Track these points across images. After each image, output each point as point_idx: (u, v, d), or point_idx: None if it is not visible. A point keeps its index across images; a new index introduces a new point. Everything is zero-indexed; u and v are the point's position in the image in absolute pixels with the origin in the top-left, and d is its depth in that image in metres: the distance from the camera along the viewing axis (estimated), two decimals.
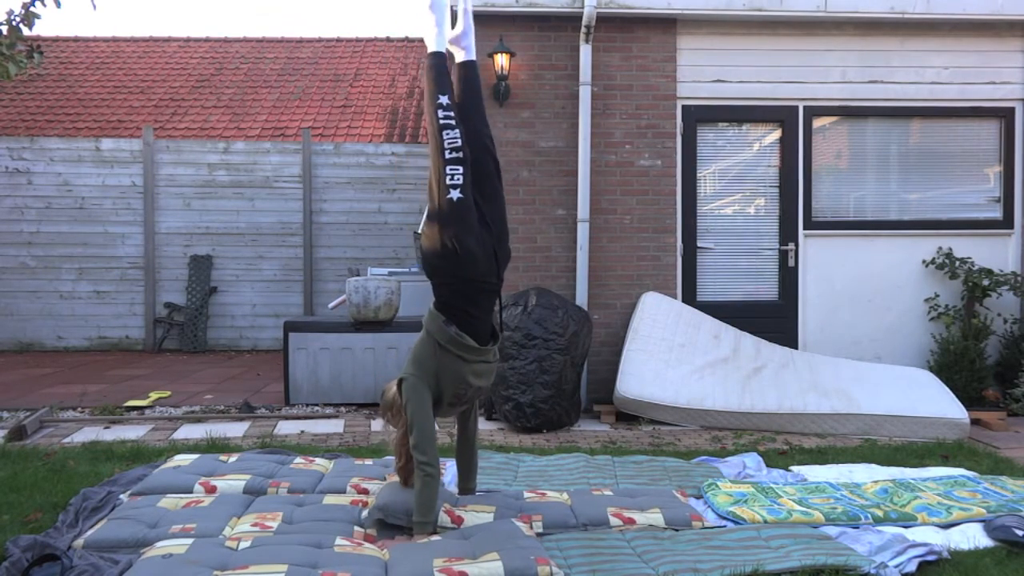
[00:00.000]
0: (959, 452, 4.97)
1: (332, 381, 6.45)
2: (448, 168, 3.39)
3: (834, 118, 6.75)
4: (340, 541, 3.16)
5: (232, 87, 12.76)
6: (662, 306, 6.28)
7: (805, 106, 6.64)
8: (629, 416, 5.82)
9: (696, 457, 4.78)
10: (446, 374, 3.39)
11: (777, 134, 6.68)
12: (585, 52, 6.32)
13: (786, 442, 5.30)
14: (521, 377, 5.60)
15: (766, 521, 3.57)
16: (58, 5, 7.62)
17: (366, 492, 3.88)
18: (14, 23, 7.65)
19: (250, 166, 10.52)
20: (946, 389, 5.78)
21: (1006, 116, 6.75)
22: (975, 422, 5.71)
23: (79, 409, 6.20)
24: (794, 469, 4.52)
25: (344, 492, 3.90)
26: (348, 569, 2.89)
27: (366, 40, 14.45)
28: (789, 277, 6.63)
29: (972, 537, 3.43)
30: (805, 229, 6.65)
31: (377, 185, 10.60)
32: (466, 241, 3.34)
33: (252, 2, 37.90)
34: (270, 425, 5.77)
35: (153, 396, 6.76)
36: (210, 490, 3.85)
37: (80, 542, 3.21)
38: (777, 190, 6.67)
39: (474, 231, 3.38)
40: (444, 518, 3.49)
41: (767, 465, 4.60)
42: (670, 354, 5.93)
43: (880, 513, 3.67)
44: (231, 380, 7.85)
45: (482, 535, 3.22)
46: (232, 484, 3.91)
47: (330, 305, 7.85)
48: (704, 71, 6.56)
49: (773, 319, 6.58)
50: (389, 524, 3.47)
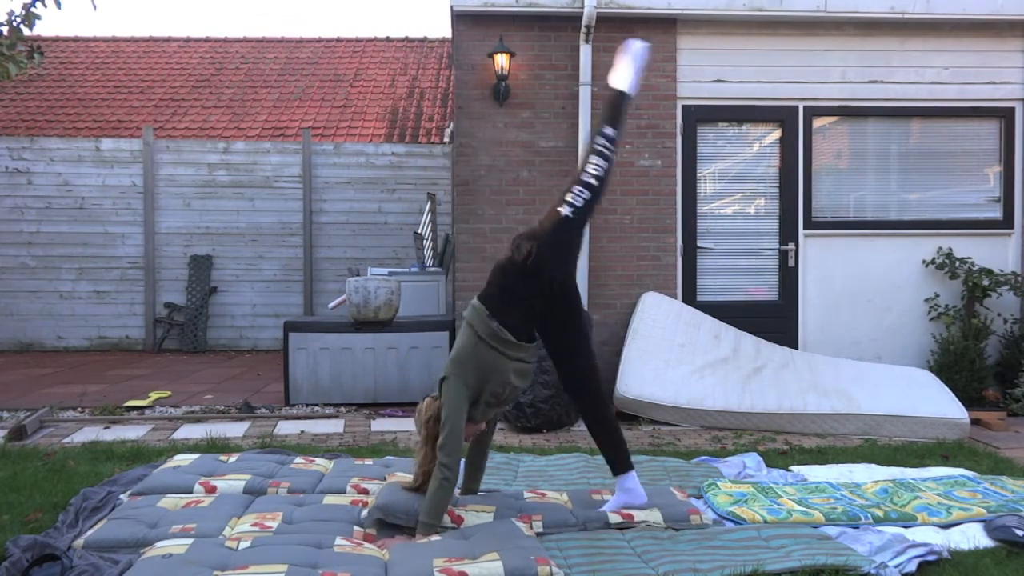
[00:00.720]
0: (959, 452, 4.97)
1: (332, 381, 6.45)
2: (576, 187, 3.48)
3: (834, 118, 6.76)
4: (340, 541, 3.16)
5: (232, 87, 12.76)
6: (662, 306, 6.28)
7: (805, 106, 6.64)
8: (629, 416, 5.81)
9: (696, 457, 4.78)
10: (485, 370, 3.38)
11: (777, 134, 6.68)
12: (585, 52, 6.32)
13: (786, 442, 5.30)
14: None
15: (766, 521, 3.57)
16: (58, 5, 7.62)
17: (366, 492, 3.88)
18: (14, 23, 7.65)
19: (250, 166, 10.51)
20: (946, 389, 5.78)
21: (1006, 116, 6.75)
22: (975, 422, 5.71)
23: (79, 409, 6.20)
24: (794, 469, 4.52)
25: (344, 492, 3.90)
26: (348, 569, 2.89)
27: (366, 40, 14.45)
28: (789, 277, 6.63)
29: (972, 537, 3.43)
30: (805, 229, 6.65)
31: (377, 185, 10.60)
32: (544, 255, 3.36)
33: (252, 2, 37.91)
34: (270, 425, 5.77)
35: (153, 396, 6.76)
36: (210, 490, 3.85)
37: (80, 542, 3.21)
38: (777, 190, 6.67)
39: (561, 254, 3.42)
40: (444, 518, 3.49)
41: (767, 465, 4.59)
42: (670, 354, 5.93)
43: (880, 513, 3.67)
44: (231, 380, 7.85)
45: (482, 535, 3.22)
46: (232, 484, 3.91)
47: (330, 305, 7.85)
48: (704, 71, 6.56)
49: (773, 319, 6.58)
50: (389, 524, 3.47)
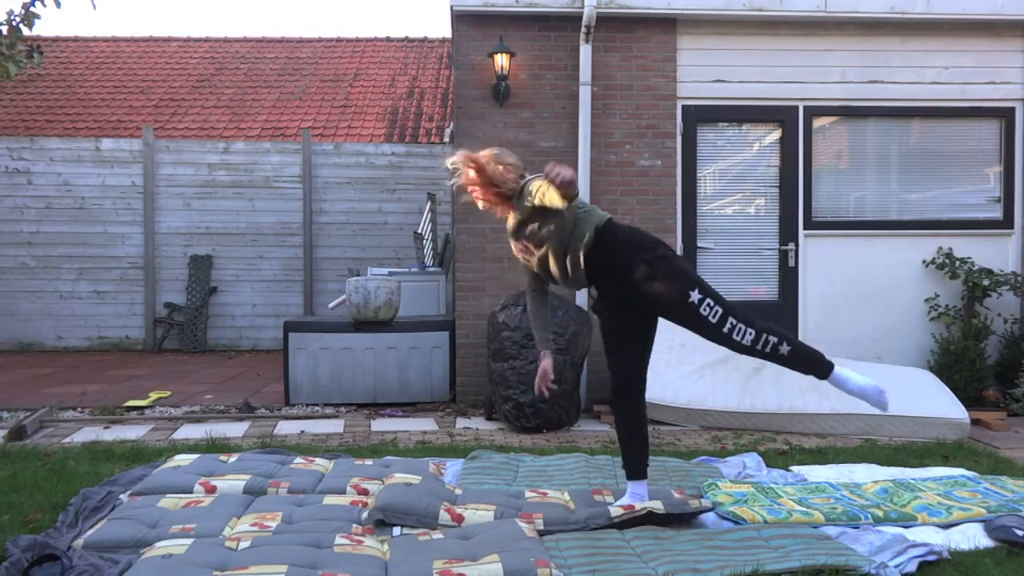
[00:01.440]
0: (959, 452, 4.97)
1: (332, 381, 6.45)
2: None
3: (834, 118, 6.75)
4: (340, 540, 3.16)
5: (232, 87, 12.76)
6: None
7: (805, 106, 6.64)
8: None
9: (696, 457, 4.78)
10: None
11: (777, 134, 6.68)
12: (585, 52, 6.32)
13: (786, 442, 5.30)
14: (521, 377, 5.60)
15: (766, 521, 3.57)
16: (58, 5, 7.63)
17: (366, 492, 3.87)
18: (14, 23, 7.65)
19: (250, 166, 10.51)
20: (946, 389, 5.78)
21: (1006, 116, 6.74)
22: (975, 422, 5.71)
23: (79, 409, 6.19)
24: (794, 469, 4.52)
25: (344, 492, 3.90)
26: (348, 569, 2.89)
27: (366, 40, 14.45)
28: (789, 277, 6.63)
29: (972, 537, 3.43)
30: (805, 229, 6.64)
31: (377, 185, 10.60)
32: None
33: (252, 2, 37.92)
34: (270, 425, 5.77)
35: (153, 396, 6.76)
36: (210, 490, 3.85)
37: (80, 542, 3.21)
38: (777, 190, 6.67)
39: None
40: (445, 516, 3.49)
41: (767, 465, 4.59)
42: (670, 354, 5.92)
43: (880, 513, 3.67)
44: (231, 380, 7.85)
45: (483, 536, 3.22)
46: (232, 484, 3.91)
47: (330, 305, 7.85)
48: (704, 71, 6.56)
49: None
50: (389, 524, 3.47)
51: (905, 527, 3.57)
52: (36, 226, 10.25)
